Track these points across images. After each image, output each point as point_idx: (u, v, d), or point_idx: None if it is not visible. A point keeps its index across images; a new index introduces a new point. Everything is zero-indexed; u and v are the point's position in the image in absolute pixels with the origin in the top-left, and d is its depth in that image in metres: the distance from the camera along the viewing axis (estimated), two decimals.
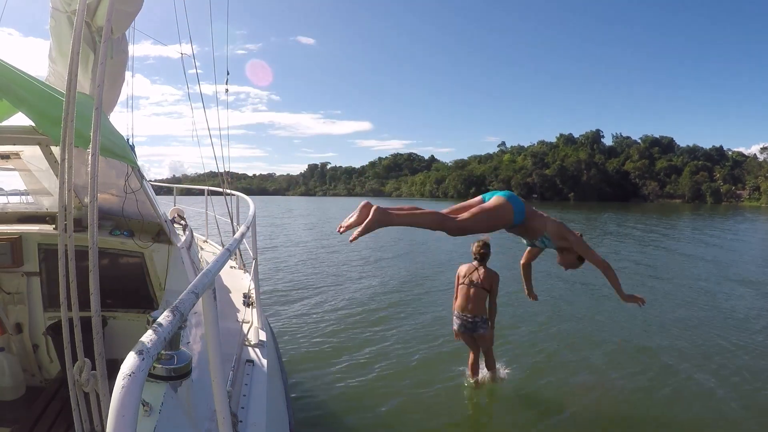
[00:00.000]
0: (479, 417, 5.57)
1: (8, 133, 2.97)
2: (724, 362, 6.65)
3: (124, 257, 3.76)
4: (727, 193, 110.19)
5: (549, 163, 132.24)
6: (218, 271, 1.62)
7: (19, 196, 4.86)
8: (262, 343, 3.25)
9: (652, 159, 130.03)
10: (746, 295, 11.26)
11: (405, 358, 6.84)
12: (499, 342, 6.66)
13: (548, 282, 11.83)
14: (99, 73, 1.61)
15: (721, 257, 18.12)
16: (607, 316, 9.14)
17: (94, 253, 1.56)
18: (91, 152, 1.57)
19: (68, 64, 1.62)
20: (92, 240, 1.57)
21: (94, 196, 1.59)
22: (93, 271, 1.54)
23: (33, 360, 3.73)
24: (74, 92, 1.61)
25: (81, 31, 1.64)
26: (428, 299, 10.76)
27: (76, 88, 1.62)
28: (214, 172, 5.95)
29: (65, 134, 1.63)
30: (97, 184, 1.60)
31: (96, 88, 1.60)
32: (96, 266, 1.55)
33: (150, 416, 1.60)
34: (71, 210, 1.74)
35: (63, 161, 1.68)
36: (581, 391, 5.77)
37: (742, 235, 28.70)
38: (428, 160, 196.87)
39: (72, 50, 1.62)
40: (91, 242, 1.57)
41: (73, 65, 1.62)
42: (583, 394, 5.71)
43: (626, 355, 7.02)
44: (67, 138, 1.63)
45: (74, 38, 1.62)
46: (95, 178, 1.59)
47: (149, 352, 0.97)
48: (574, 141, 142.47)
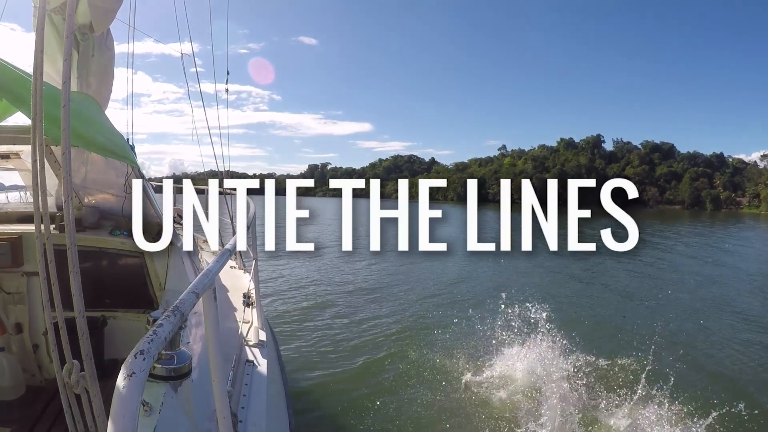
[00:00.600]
0: (478, 417, 5.56)
1: (8, 133, 2.97)
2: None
3: (124, 257, 3.75)
4: (726, 200, 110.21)
5: (549, 167, 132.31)
6: (218, 271, 1.62)
7: (19, 195, 4.84)
8: (262, 343, 3.24)
9: (652, 165, 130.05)
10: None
11: (405, 359, 6.83)
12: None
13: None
14: (64, 70, 1.60)
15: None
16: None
17: (74, 253, 1.55)
18: (61, 150, 1.56)
19: (52, 63, 1.61)
20: (70, 239, 1.55)
21: (68, 195, 1.58)
22: (74, 271, 1.53)
23: (33, 360, 3.72)
24: (41, 90, 1.59)
25: (43, 29, 1.62)
26: (428, 298, 10.76)
27: (42, 87, 1.61)
28: (214, 171, 5.93)
29: (35, 133, 1.61)
30: (71, 181, 1.59)
31: (62, 84, 1.59)
32: (77, 266, 1.54)
33: (150, 416, 1.59)
34: (47, 211, 1.72)
35: (34, 162, 1.66)
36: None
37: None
38: (428, 163, 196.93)
39: (35, 47, 1.61)
40: (68, 242, 1.55)
41: (38, 62, 1.60)
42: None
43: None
44: (37, 137, 1.61)
45: (37, 34, 1.61)
46: (68, 176, 1.58)
47: (149, 352, 0.97)
48: (575, 145, 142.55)
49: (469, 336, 7.97)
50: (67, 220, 1.58)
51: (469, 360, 6.82)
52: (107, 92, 3.88)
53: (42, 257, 1.71)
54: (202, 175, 6.40)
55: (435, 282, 13.24)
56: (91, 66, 3.52)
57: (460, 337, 7.93)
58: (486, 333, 8.13)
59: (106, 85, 3.81)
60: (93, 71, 3.56)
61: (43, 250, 1.70)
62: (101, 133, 2.56)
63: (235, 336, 3.17)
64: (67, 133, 1.56)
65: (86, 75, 3.54)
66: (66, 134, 1.56)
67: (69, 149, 1.56)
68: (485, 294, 11.77)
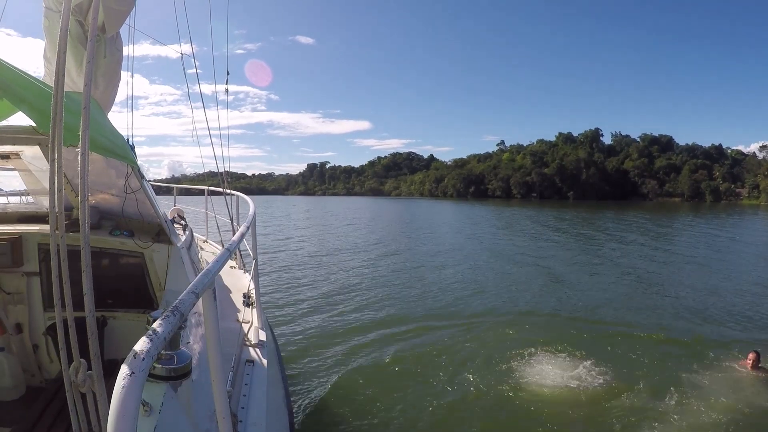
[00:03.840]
0: (479, 418, 5.58)
1: (8, 133, 2.96)
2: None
3: (124, 257, 3.75)
4: (726, 191, 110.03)
5: (548, 161, 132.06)
6: (218, 271, 1.62)
7: (19, 195, 4.84)
8: (262, 343, 3.24)
9: (651, 157, 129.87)
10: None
11: (404, 359, 6.84)
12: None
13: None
14: (86, 72, 1.59)
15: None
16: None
17: (87, 254, 1.55)
18: (80, 151, 1.56)
19: (61, 63, 1.61)
20: (84, 240, 1.56)
21: (85, 195, 1.58)
22: (86, 271, 1.53)
23: (33, 360, 3.72)
24: (62, 91, 1.59)
25: (67, 29, 1.62)
26: (428, 300, 10.76)
27: (64, 87, 1.61)
28: (214, 171, 5.92)
29: (54, 134, 1.61)
30: (87, 182, 1.59)
31: (84, 86, 1.59)
32: (89, 266, 1.54)
33: (150, 416, 1.59)
34: (62, 210, 1.73)
35: (52, 161, 1.66)
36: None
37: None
38: (427, 159, 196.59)
39: (59, 49, 1.61)
40: (83, 242, 1.56)
41: (60, 64, 1.60)
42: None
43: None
44: (56, 138, 1.62)
45: (60, 36, 1.61)
46: (86, 177, 1.58)
47: (149, 352, 0.97)
48: (574, 140, 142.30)
49: (469, 336, 7.99)
50: (81, 221, 1.58)
51: (469, 360, 6.83)
52: (113, 94, 3.88)
53: (55, 256, 1.71)
54: (202, 176, 6.40)
55: (435, 282, 13.24)
56: (100, 68, 3.52)
57: (461, 337, 7.94)
58: (486, 333, 8.14)
59: (113, 87, 3.81)
60: (102, 73, 3.56)
61: (57, 249, 1.70)
62: (102, 134, 2.55)
63: (235, 336, 3.17)
64: (86, 135, 1.56)
65: (95, 77, 3.54)
66: (85, 136, 1.56)
67: (87, 151, 1.56)
68: (493, 298, 11.78)
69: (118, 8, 3.30)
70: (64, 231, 1.70)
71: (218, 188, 6.03)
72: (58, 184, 1.71)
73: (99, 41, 3.44)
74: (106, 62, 3.54)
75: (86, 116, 1.56)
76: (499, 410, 5.49)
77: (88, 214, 1.61)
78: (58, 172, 1.69)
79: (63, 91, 1.61)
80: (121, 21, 3.50)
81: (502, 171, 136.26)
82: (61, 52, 1.61)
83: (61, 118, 1.60)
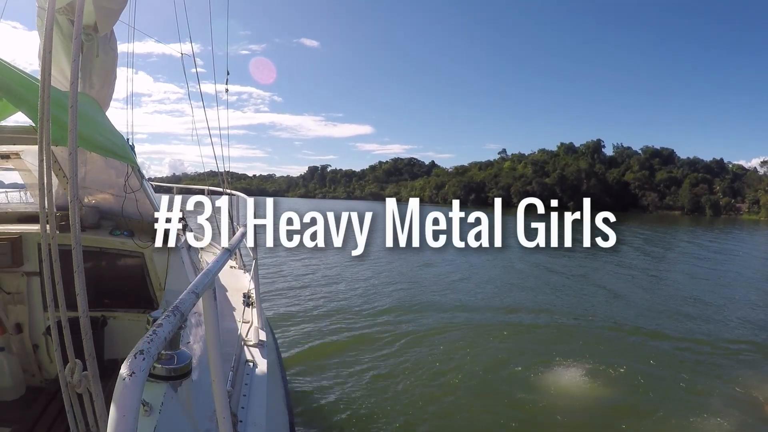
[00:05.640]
0: (475, 418, 5.56)
1: (8, 133, 2.96)
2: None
3: (124, 257, 3.75)
4: (726, 206, 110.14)
5: (549, 171, 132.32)
6: (218, 271, 1.62)
7: (19, 195, 4.83)
8: (262, 343, 3.24)
9: (652, 170, 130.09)
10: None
11: (404, 359, 6.83)
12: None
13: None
14: (72, 70, 1.59)
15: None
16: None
17: (78, 253, 1.55)
18: (69, 150, 1.55)
19: (56, 63, 1.60)
20: (75, 240, 1.55)
21: (74, 194, 1.57)
22: (78, 271, 1.53)
23: (33, 360, 3.71)
24: (48, 91, 1.59)
25: (51, 29, 1.61)
26: (428, 299, 10.76)
27: (50, 86, 1.60)
28: (214, 171, 5.93)
29: (41, 133, 1.60)
30: (77, 181, 1.58)
31: (71, 84, 1.59)
32: (81, 266, 1.54)
33: (150, 416, 1.59)
34: (53, 209, 1.72)
35: (41, 161, 1.66)
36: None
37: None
38: (428, 166, 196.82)
39: (44, 48, 1.61)
40: (74, 242, 1.55)
41: (46, 62, 1.59)
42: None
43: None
44: (44, 137, 1.61)
45: (45, 36, 1.59)
46: (75, 177, 1.57)
47: (149, 352, 0.97)
48: (575, 150, 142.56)
49: (469, 336, 7.98)
50: (72, 221, 1.58)
51: (474, 365, 6.81)
52: (110, 93, 3.89)
53: (47, 257, 1.71)
54: (202, 175, 6.40)
55: (436, 282, 13.23)
56: (94, 67, 3.53)
57: (460, 337, 7.93)
58: (486, 333, 8.14)
59: (109, 86, 3.82)
60: (96, 72, 3.57)
61: (48, 249, 1.70)
62: (101, 133, 2.55)
63: (235, 336, 3.17)
64: (74, 134, 1.56)
65: (89, 75, 3.55)
66: (73, 135, 1.56)
67: (75, 150, 1.56)
68: (488, 297, 11.77)
69: (109, 7, 3.31)
70: (56, 231, 1.69)
71: (218, 188, 6.04)
72: (48, 184, 1.70)
73: (92, 40, 3.45)
74: (99, 61, 3.55)
75: (73, 115, 1.56)
76: (504, 415, 5.46)
77: (78, 213, 1.60)
78: (47, 172, 1.69)
79: (50, 90, 1.61)
80: (114, 19, 3.51)
81: (503, 179, 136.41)
82: (47, 52, 1.61)
83: (48, 117, 1.60)
